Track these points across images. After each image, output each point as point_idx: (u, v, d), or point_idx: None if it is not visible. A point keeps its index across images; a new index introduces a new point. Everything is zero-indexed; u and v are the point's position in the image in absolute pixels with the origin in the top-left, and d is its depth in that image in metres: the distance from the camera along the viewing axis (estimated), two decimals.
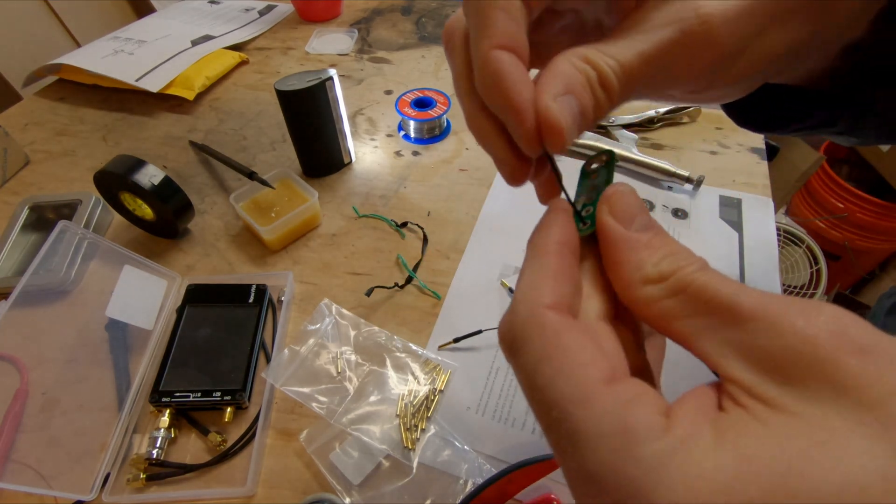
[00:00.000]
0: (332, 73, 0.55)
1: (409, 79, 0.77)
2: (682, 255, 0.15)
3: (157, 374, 0.42)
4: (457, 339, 0.46)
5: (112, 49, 0.78)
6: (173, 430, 0.41)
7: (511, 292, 0.49)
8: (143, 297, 0.47)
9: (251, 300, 0.48)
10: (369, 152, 0.65)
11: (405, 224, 0.56)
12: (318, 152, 0.61)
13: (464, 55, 0.19)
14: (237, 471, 0.40)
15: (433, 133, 0.67)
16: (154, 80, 0.72)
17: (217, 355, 0.44)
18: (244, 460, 0.40)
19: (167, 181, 0.51)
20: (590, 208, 0.18)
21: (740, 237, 0.54)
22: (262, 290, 0.48)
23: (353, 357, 0.45)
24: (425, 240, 0.54)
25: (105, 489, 0.38)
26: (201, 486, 0.39)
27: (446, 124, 0.68)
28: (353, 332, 0.46)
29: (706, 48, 0.17)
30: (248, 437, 0.41)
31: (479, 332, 0.46)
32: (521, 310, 0.15)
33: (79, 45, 0.92)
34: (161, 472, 0.39)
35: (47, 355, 0.42)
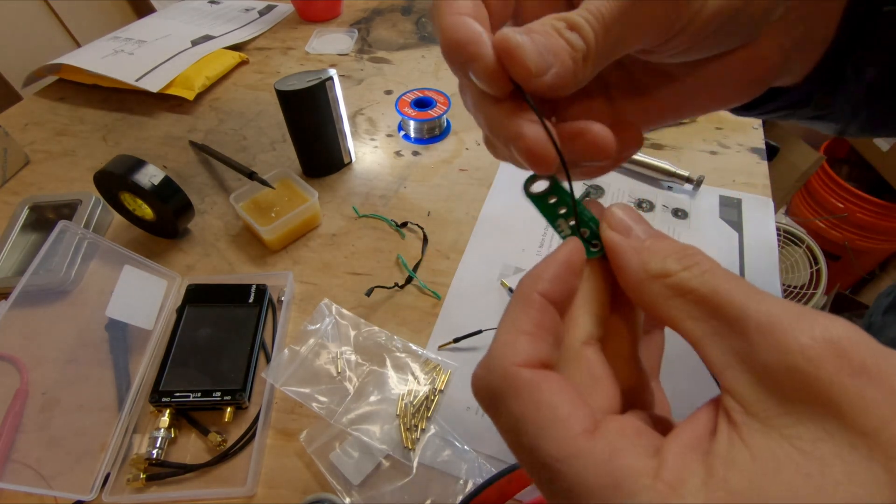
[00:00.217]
0: (332, 73, 0.55)
1: (409, 79, 0.77)
2: (690, 255, 0.15)
3: (157, 374, 0.42)
4: (457, 339, 0.46)
5: (112, 49, 0.78)
6: (173, 430, 0.41)
7: (511, 292, 0.49)
8: (143, 297, 0.47)
9: (251, 300, 0.48)
10: (369, 152, 0.65)
11: (405, 224, 0.56)
12: (318, 152, 0.61)
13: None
14: (237, 471, 0.40)
15: (433, 133, 0.67)
16: (154, 80, 0.72)
17: (217, 355, 0.44)
18: (244, 460, 0.40)
19: (167, 181, 0.51)
20: (586, 231, 0.19)
21: (740, 237, 0.54)
22: (262, 290, 0.48)
23: (353, 357, 0.45)
24: (425, 240, 0.54)
25: (105, 489, 0.38)
26: (201, 486, 0.39)
27: (446, 124, 0.68)
28: (353, 332, 0.46)
29: None
30: (248, 437, 0.41)
31: (479, 332, 0.46)
32: (495, 367, 0.16)
33: (79, 45, 0.92)
34: (161, 472, 0.39)
35: (47, 355, 0.42)
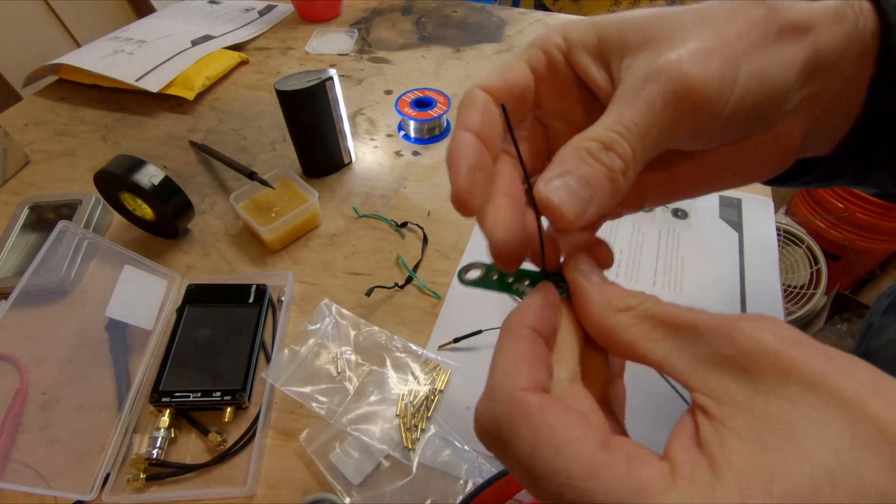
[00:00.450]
0: (332, 73, 0.55)
1: (409, 79, 0.77)
2: (640, 294, 0.18)
3: (157, 374, 0.42)
4: (457, 339, 0.46)
5: (112, 49, 0.78)
6: (173, 430, 0.41)
7: None
8: (143, 297, 0.47)
9: (251, 300, 0.48)
10: (369, 152, 0.65)
11: (405, 224, 0.56)
12: (318, 152, 0.61)
13: None
14: (237, 471, 0.40)
15: (433, 133, 0.67)
16: (154, 80, 0.72)
17: (217, 355, 0.44)
18: (244, 460, 0.40)
19: (167, 181, 0.51)
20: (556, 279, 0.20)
21: (740, 237, 0.54)
22: (262, 290, 0.48)
23: (353, 357, 0.45)
24: (425, 240, 0.54)
25: (105, 489, 0.38)
26: (201, 486, 0.39)
27: (446, 124, 0.68)
28: (353, 332, 0.46)
29: (686, 96, 0.17)
30: (248, 437, 0.41)
31: (479, 332, 0.46)
32: (501, 396, 0.16)
33: (79, 45, 0.92)
34: (161, 472, 0.39)
35: (47, 355, 0.42)
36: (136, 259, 0.48)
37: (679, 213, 0.56)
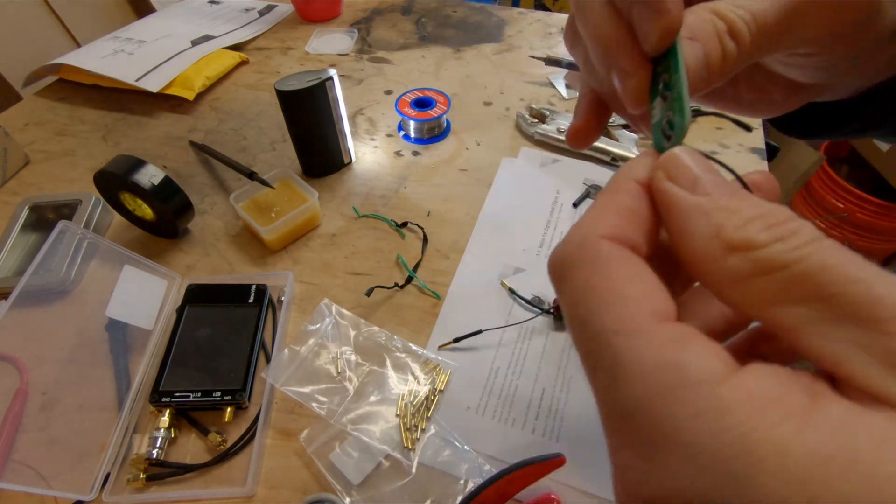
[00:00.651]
0: (332, 73, 0.55)
1: (408, 79, 0.77)
2: (783, 221, 0.12)
3: (157, 374, 0.42)
4: (457, 339, 0.46)
5: (112, 49, 0.78)
6: (173, 430, 0.41)
7: (511, 292, 0.49)
8: (143, 297, 0.47)
9: (251, 300, 0.48)
10: (369, 152, 0.65)
11: (405, 224, 0.56)
12: (318, 152, 0.61)
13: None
14: (237, 471, 0.40)
15: (433, 133, 0.67)
16: (154, 80, 0.72)
17: (217, 355, 0.44)
18: (244, 460, 0.40)
19: (167, 181, 0.51)
20: (669, 114, 0.16)
21: None
22: (262, 290, 0.48)
23: (353, 357, 0.45)
24: (425, 240, 0.54)
25: (105, 489, 0.38)
26: (201, 486, 0.39)
27: (446, 124, 0.68)
28: (353, 332, 0.46)
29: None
30: (248, 437, 0.41)
31: (479, 332, 0.46)
32: (574, 237, 0.14)
33: (79, 45, 0.92)
34: (161, 472, 0.39)
35: (47, 355, 0.42)
36: (136, 259, 0.48)
37: None
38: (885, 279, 0.11)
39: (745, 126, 0.24)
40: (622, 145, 0.61)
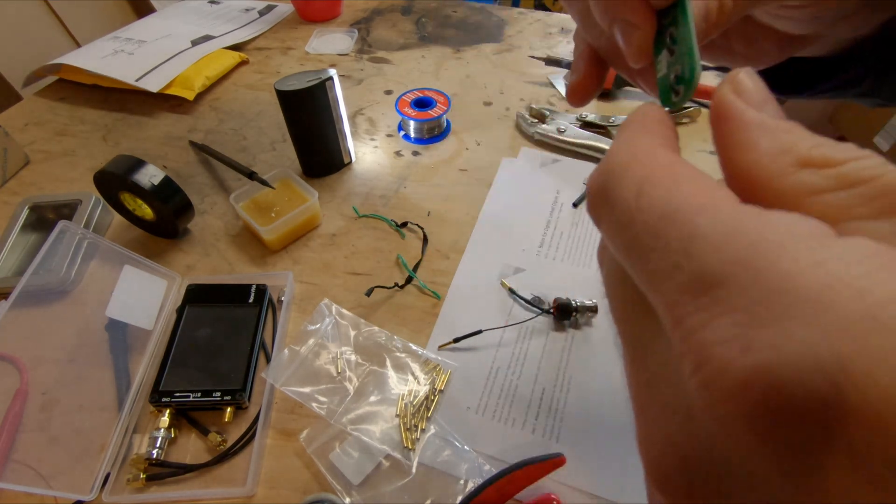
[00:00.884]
0: (332, 73, 0.55)
1: (408, 79, 0.77)
2: (844, 147, 0.12)
3: (157, 374, 0.42)
4: (457, 339, 0.46)
5: (112, 49, 0.78)
6: (173, 430, 0.41)
7: (511, 292, 0.49)
8: (143, 297, 0.47)
9: (251, 300, 0.48)
10: (369, 152, 0.65)
11: (405, 224, 0.56)
12: (318, 152, 0.61)
13: None
14: (237, 471, 0.40)
15: (433, 133, 0.67)
16: (154, 80, 0.72)
17: (217, 355, 0.44)
18: (244, 460, 0.40)
19: (167, 181, 0.51)
20: (677, 67, 0.16)
21: None
22: (262, 290, 0.48)
23: (353, 357, 0.45)
24: (425, 240, 0.54)
25: (105, 489, 0.38)
26: (201, 486, 0.39)
27: (446, 124, 0.68)
28: (353, 332, 0.46)
29: None
30: (248, 437, 0.41)
31: (479, 332, 0.46)
32: (620, 149, 0.13)
33: (79, 45, 0.92)
34: (161, 472, 0.39)
35: (47, 355, 0.42)
36: (136, 259, 0.48)
37: None
38: None
39: None
40: None
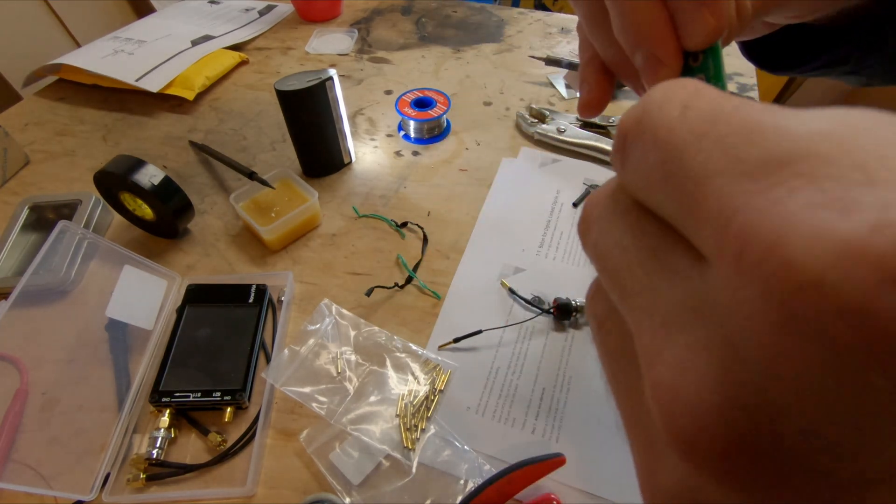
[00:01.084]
0: (332, 73, 0.55)
1: (408, 79, 0.77)
2: None
3: (157, 374, 0.42)
4: (457, 339, 0.46)
5: (112, 49, 0.78)
6: (173, 430, 0.41)
7: (511, 292, 0.49)
8: (143, 297, 0.47)
9: (251, 300, 0.48)
10: (369, 152, 0.65)
11: (405, 224, 0.56)
12: (318, 152, 0.61)
13: None
14: (237, 471, 0.40)
15: (433, 133, 0.67)
16: (154, 80, 0.72)
17: (217, 355, 0.44)
18: (244, 460, 0.40)
19: (167, 181, 0.51)
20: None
21: None
22: (262, 290, 0.48)
23: (353, 357, 0.45)
24: (425, 240, 0.54)
25: (105, 489, 0.38)
26: (201, 486, 0.39)
27: (446, 124, 0.68)
28: (353, 332, 0.46)
29: None
30: (248, 437, 0.41)
31: (479, 332, 0.46)
32: (662, 84, 0.12)
33: (79, 45, 0.92)
34: (161, 472, 0.39)
35: (47, 355, 0.42)
36: (136, 259, 0.48)
37: None
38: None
39: None
40: None
